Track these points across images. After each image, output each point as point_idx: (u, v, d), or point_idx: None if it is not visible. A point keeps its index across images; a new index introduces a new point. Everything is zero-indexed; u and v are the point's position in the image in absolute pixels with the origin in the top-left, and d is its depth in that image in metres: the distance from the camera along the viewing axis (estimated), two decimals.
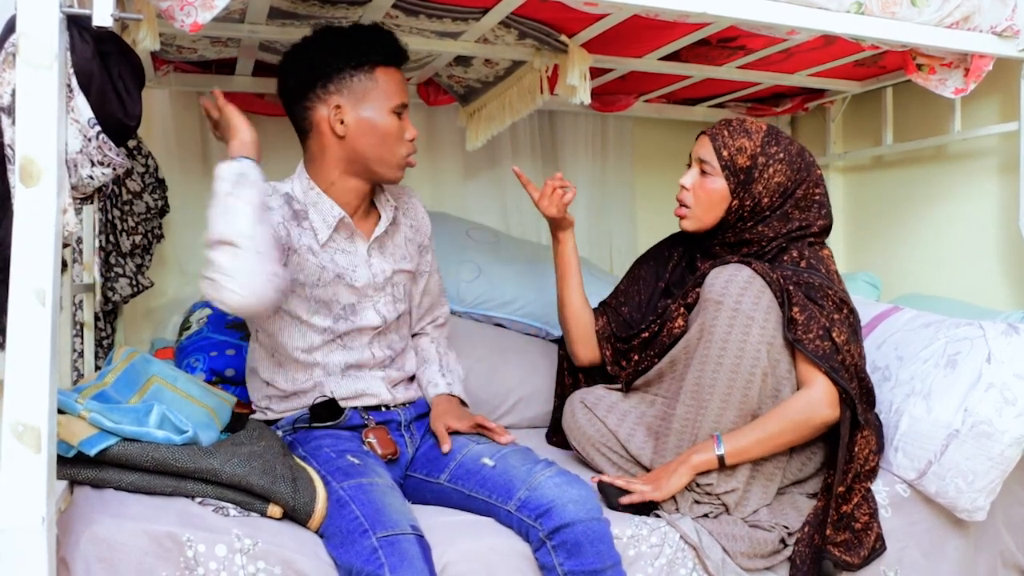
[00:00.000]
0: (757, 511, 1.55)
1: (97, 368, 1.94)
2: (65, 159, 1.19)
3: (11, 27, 1.16)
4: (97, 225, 1.94)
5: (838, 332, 1.53)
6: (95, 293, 1.96)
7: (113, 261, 2.01)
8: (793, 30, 1.71)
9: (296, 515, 1.31)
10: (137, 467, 1.27)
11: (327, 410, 1.56)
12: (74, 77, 1.19)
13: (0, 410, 1.05)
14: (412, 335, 1.80)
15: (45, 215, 1.08)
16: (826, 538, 1.50)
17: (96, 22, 1.14)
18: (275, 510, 1.31)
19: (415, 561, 1.20)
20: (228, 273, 1.26)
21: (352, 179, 1.56)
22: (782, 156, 1.65)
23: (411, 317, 1.77)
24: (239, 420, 1.54)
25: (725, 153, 1.65)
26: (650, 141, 2.85)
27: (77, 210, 1.35)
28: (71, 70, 1.18)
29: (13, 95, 1.15)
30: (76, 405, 1.27)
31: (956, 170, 2.31)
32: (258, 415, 1.63)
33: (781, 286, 1.54)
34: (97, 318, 2.01)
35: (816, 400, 1.51)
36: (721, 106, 2.70)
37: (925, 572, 1.61)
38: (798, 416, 1.51)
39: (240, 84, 2.21)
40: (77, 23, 1.17)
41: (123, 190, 2.05)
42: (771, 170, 1.64)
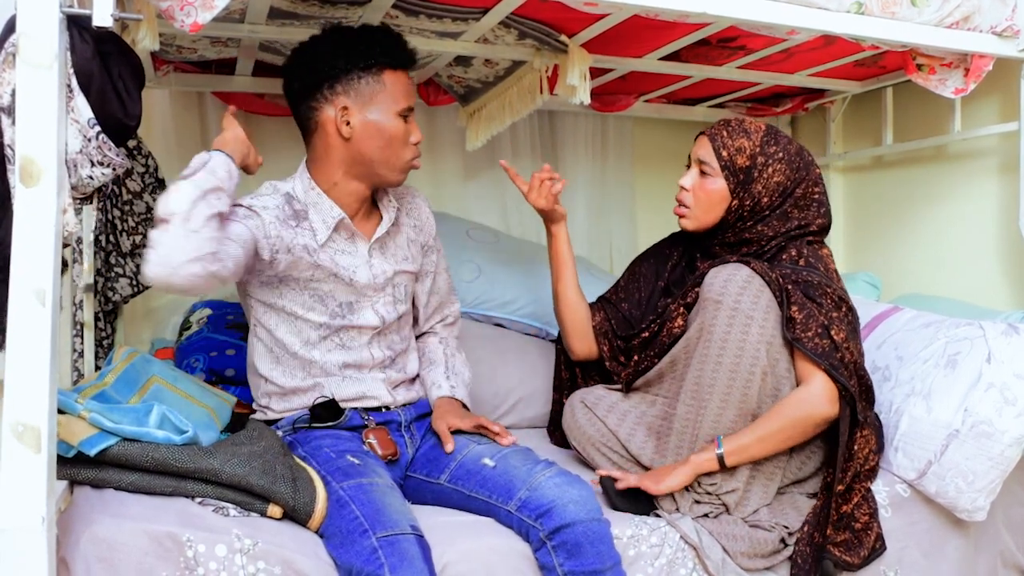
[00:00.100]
0: (757, 511, 1.55)
1: (97, 368, 1.93)
2: (65, 159, 1.19)
3: (11, 27, 1.16)
4: (97, 225, 1.94)
5: (837, 330, 1.53)
6: (95, 293, 1.96)
7: (113, 261, 2.01)
8: (793, 30, 1.71)
9: (296, 515, 1.31)
10: (137, 467, 1.27)
11: (327, 410, 1.56)
12: (74, 77, 1.19)
13: (0, 410, 1.05)
14: (421, 334, 1.79)
15: (45, 215, 1.08)
16: (826, 538, 1.50)
17: (96, 22, 1.14)
18: (275, 510, 1.31)
19: (415, 561, 1.20)
20: (152, 245, 1.28)
21: (354, 181, 1.55)
22: (781, 156, 1.65)
23: (418, 317, 1.77)
24: (239, 420, 1.54)
25: (724, 153, 1.65)
26: (650, 141, 2.85)
27: (77, 210, 1.35)
28: (71, 70, 1.18)
29: (13, 95, 1.15)
30: (76, 405, 1.27)
31: (956, 170, 2.31)
32: (258, 415, 1.63)
33: (780, 285, 1.54)
34: (97, 318, 2.00)
35: (815, 397, 1.51)
36: (721, 106, 2.69)
37: (925, 572, 1.61)
38: (797, 413, 1.51)
39: (240, 84, 2.21)
40: (77, 23, 1.17)
41: (123, 190, 2.04)
42: (770, 169, 1.64)
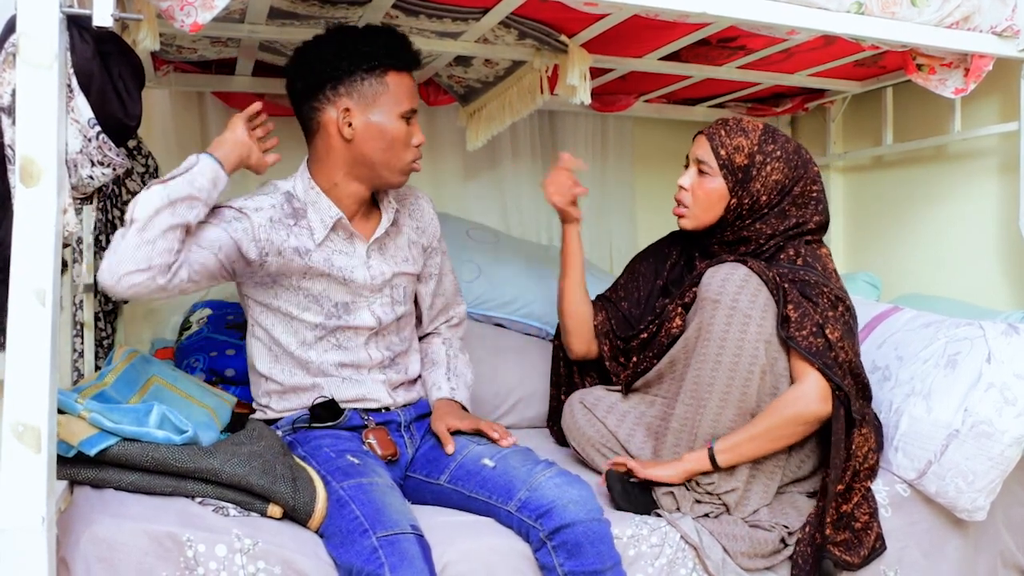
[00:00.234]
0: (757, 511, 1.55)
1: (97, 368, 1.93)
2: (65, 159, 1.19)
3: (11, 27, 1.16)
4: (97, 225, 1.94)
5: (831, 329, 1.53)
6: (95, 293, 1.95)
7: None
8: (793, 30, 1.71)
9: (296, 515, 1.31)
10: (137, 467, 1.27)
11: (327, 410, 1.56)
12: (74, 77, 1.19)
13: (0, 410, 1.05)
14: (425, 335, 1.79)
15: (45, 215, 1.08)
16: (826, 537, 1.50)
17: (96, 22, 1.14)
18: (275, 510, 1.31)
19: (415, 561, 1.20)
20: (108, 252, 1.30)
21: (354, 182, 1.55)
22: (779, 154, 1.65)
23: (422, 318, 1.77)
24: (239, 420, 1.54)
25: (723, 152, 1.65)
26: (650, 141, 2.85)
27: (77, 210, 1.35)
28: (71, 70, 1.18)
29: (13, 95, 1.15)
30: (76, 405, 1.27)
31: (956, 170, 2.31)
32: (258, 414, 1.63)
33: (777, 284, 1.54)
34: (97, 318, 2.00)
35: (807, 395, 1.51)
36: (721, 106, 2.69)
37: (925, 572, 1.61)
38: (789, 411, 1.51)
39: (240, 84, 2.21)
40: (77, 23, 1.17)
41: (123, 190, 2.04)
42: (769, 168, 1.64)
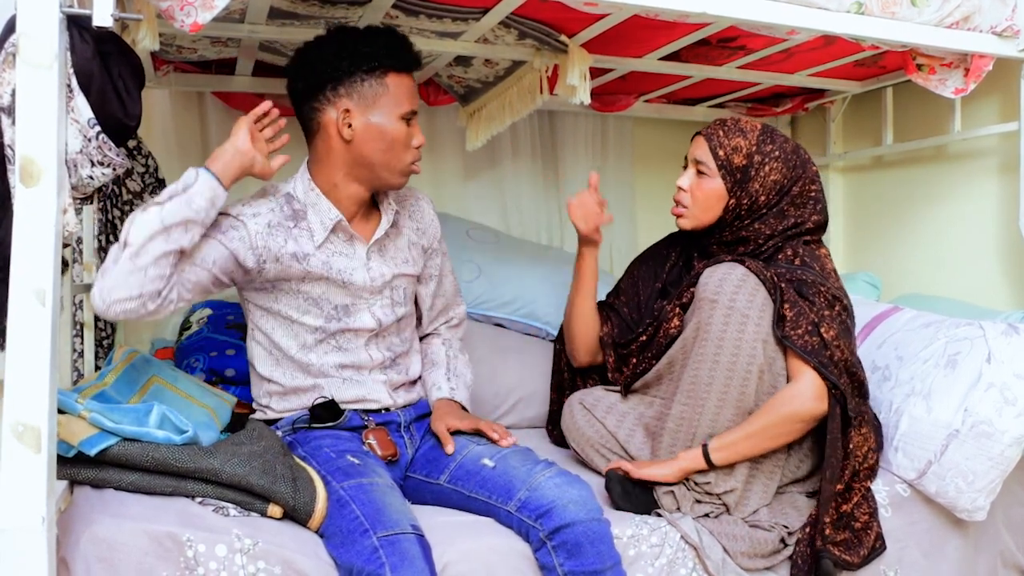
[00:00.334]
0: (757, 511, 1.55)
1: (97, 368, 1.93)
2: (65, 159, 1.19)
3: (11, 27, 1.16)
4: (97, 225, 1.94)
5: (827, 328, 1.53)
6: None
7: None
8: (793, 30, 1.71)
9: (296, 515, 1.31)
10: (137, 467, 1.27)
11: (327, 411, 1.56)
12: (74, 77, 1.19)
13: (0, 410, 1.05)
14: (425, 336, 1.79)
15: (45, 215, 1.08)
16: (826, 537, 1.50)
17: (96, 22, 1.14)
18: (275, 510, 1.31)
19: (416, 561, 1.20)
20: (100, 272, 1.31)
21: (354, 184, 1.55)
22: (778, 154, 1.65)
23: (422, 318, 1.76)
24: (239, 420, 1.54)
25: (721, 153, 1.65)
26: (650, 141, 2.85)
27: (77, 210, 1.35)
28: (71, 70, 1.18)
29: (13, 95, 1.15)
30: (76, 405, 1.27)
31: (956, 170, 2.31)
32: (258, 415, 1.63)
33: (775, 283, 1.54)
34: (97, 318, 2.00)
35: (802, 393, 1.51)
36: (721, 106, 2.69)
37: (925, 572, 1.61)
38: (784, 409, 1.51)
39: (240, 84, 2.21)
40: (77, 23, 1.17)
41: (123, 190, 2.04)
42: (767, 168, 1.64)
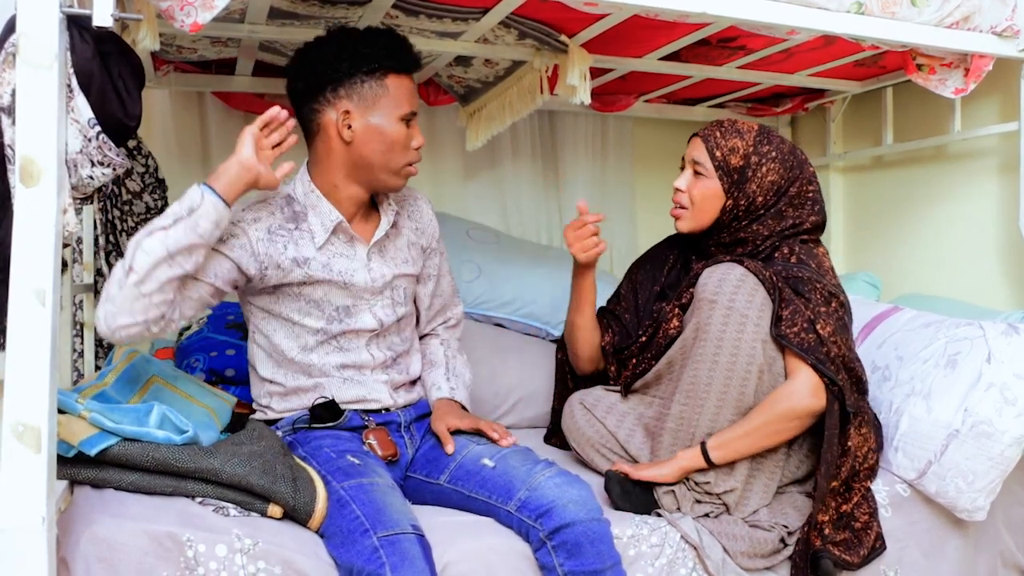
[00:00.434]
0: (757, 511, 1.55)
1: (97, 368, 1.94)
2: (65, 159, 1.19)
3: (11, 27, 1.16)
4: (97, 225, 1.94)
5: (823, 324, 1.53)
6: (95, 293, 1.96)
7: (113, 261, 2.01)
8: (793, 30, 1.71)
9: (296, 515, 1.31)
10: (137, 467, 1.27)
11: (327, 411, 1.56)
12: (74, 77, 1.19)
13: (0, 410, 1.05)
14: (423, 336, 1.79)
15: (45, 215, 1.08)
16: (826, 537, 1.50)
17: (96, 22, 1.14)
18: (275, 510, 1.31)
19: (416, 560, 1.20)
20: (104, 297, 1.31)
21: (353, 185, 1.55)
22: (774, 155, 1.65)
23: (419, 319, 1.76)
24: (239, 420, 1.53)
25: (718, 154, 1.65)
26: (650, 141, 2.85)
27: (77, 210, 1.35)
28: (71, 70, 1.18)
29: (13, 95, 1.15)
30: (76, 405, 1.27)
31: (956, 170, 2.31)
32: (258, 415, 1.63)
33: (774, 283, 1.54)
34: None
35: (799, 390, 1.51)
36: (721, 106, 2.69)
37: (925, 572, 1.61)
38: (781, 406, 1.50)
39: (240, 84, 2.21)
40: (77, 23, 1.17)
41: (123, 190, 2.05)
42: (764, 169, 1.64)
